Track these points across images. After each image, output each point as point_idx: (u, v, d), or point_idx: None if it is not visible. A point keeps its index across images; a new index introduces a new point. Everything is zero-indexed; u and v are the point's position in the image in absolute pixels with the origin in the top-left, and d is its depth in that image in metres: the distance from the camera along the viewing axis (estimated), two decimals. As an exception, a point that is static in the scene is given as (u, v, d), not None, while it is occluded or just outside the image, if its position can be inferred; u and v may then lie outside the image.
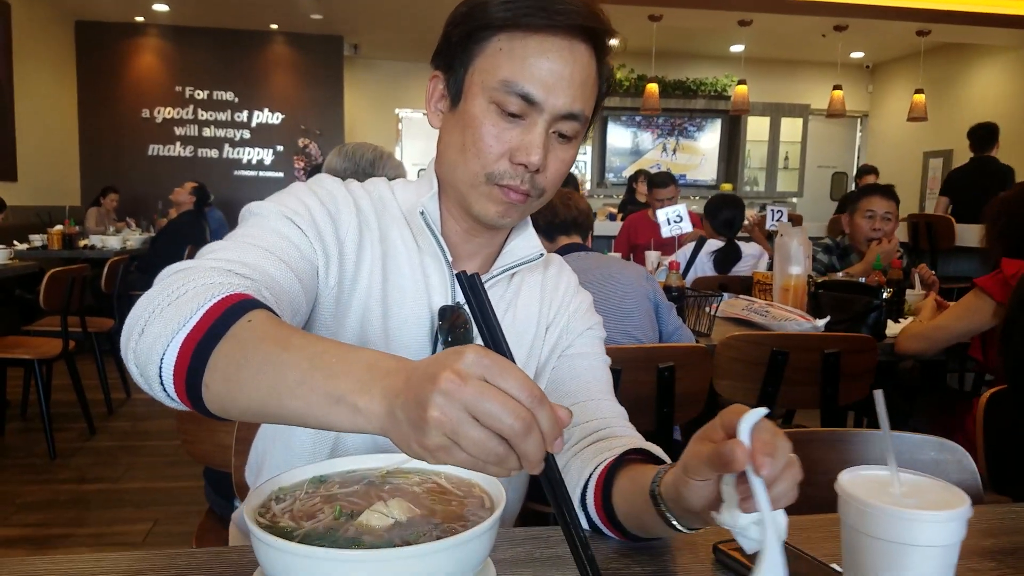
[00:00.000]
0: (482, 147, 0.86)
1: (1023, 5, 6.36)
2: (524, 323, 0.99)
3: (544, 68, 0.83)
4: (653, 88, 6.97)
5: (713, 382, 2.01)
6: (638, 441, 0.89)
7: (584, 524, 0.86)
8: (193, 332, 0.64)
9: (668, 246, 3.55)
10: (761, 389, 2.01)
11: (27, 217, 6.74)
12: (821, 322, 2.22)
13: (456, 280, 0.94)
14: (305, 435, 0.93)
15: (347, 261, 0.90)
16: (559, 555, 0.81)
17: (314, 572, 0.61)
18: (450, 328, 0.94)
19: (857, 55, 9.15)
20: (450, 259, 0.94)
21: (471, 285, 0.57)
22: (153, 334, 0.66)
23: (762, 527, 0.59)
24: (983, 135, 5.52)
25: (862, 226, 2.96)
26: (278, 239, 0.83)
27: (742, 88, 6.98)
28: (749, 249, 3.41)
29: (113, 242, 5.77)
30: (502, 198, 0.88)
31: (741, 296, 2.58)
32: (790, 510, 0.61)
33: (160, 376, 0.65)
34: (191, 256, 0.81)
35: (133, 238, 6.15)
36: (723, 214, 3.36)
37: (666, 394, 1.77)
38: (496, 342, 0.55)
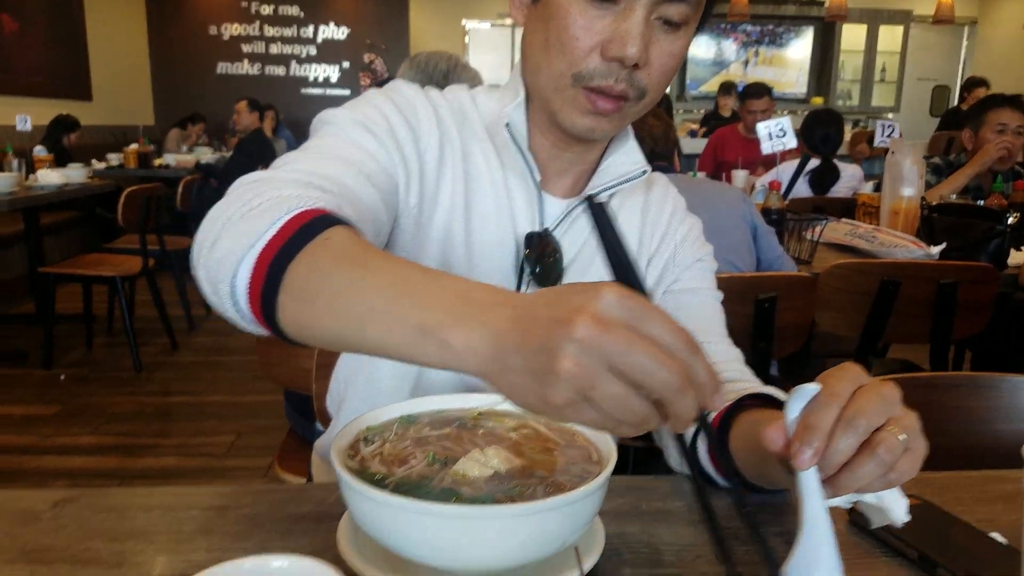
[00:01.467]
0: (567, 40, 0.72)
1: None
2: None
3: None
4: (742, -8, 6.51)
5: (815, 315, 1.87)
6: (756, 386, 0.79)
7: (682, 468, 0.78)
8: (267, 248, 0.56)
9: (756, 164, 3.33)
10: (867, 322, 1.86)
11: (103, 137, 6.87)
12: (936, 249, 2.02)
13: (541, 202, 0.84)
14: (388, 367, 0.86)
15: (428, 178, 0.81)
16: (667, 509, 0.73)
17: (408, 525, 0.54)
18: (538, 258, 0.84)
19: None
20: (538, 178, 0.83)
21: (598, 214, 0.46)
22: (224, 248, 0.58)
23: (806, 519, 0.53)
24: None
25: (990, 140, 2.70)
26: (356, 150, 0.75)
27: (839, -10, 6.44)
28: (848, 170, 3.16)
29: (187, 160, 5.83)
30: (589, 105, 0.75)
31: (843, 220, 2.39)
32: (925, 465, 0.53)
33: (233, 295, 0.58)
34: None
35: (207, 156, 6.20)
36: (820, 130, 3.10)
37: (765, 328, 1.65)
38: (631, 280, 0.45)
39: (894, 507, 0.55)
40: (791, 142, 2.19)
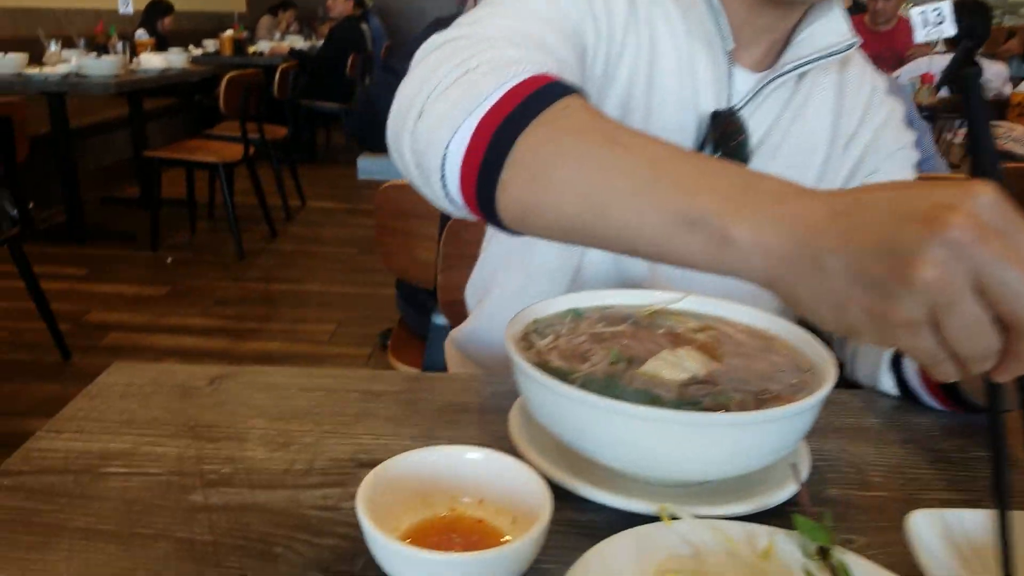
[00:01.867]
0: None
1: None
2: (814, 139, 0.80)
3: None
4: None
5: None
6: None
7: (888, 387, 0.71)
8: (491, 114, 0.49)
9: (886, 60, 3.06)
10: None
11: (197, 23, 6.87)
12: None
13: (731, 76, 0.75)
14: (548, 256, 0.81)
15: (614, 42, 0.73)
16: (865, 426, 0.68)
17: (603, 426, 0.51)
18: (721, 138, 0.76)
19: None
20: (730, 46, 0.74)
21: (973, 85, 0.37)
22: (437, 114, 0.52)
23: None
24: None
25: None
26: (552, 7, 0.66)
27: None
28: (992, 68, 2.86)
29: (280, 48, 5.80)
30: None
31: (994, 123, 2.18)
32: None
33: (443, 168, 0.52)
34: (355, 64, 0.65)
35: (298, 44, 6.16)
36: (964, 21, 2.80)
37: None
38: (996, 174, 0.36)
39: None
40: (949, 29, 1.96)
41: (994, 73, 2.84)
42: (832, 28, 0.76)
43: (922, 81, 1.95)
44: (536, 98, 0.49)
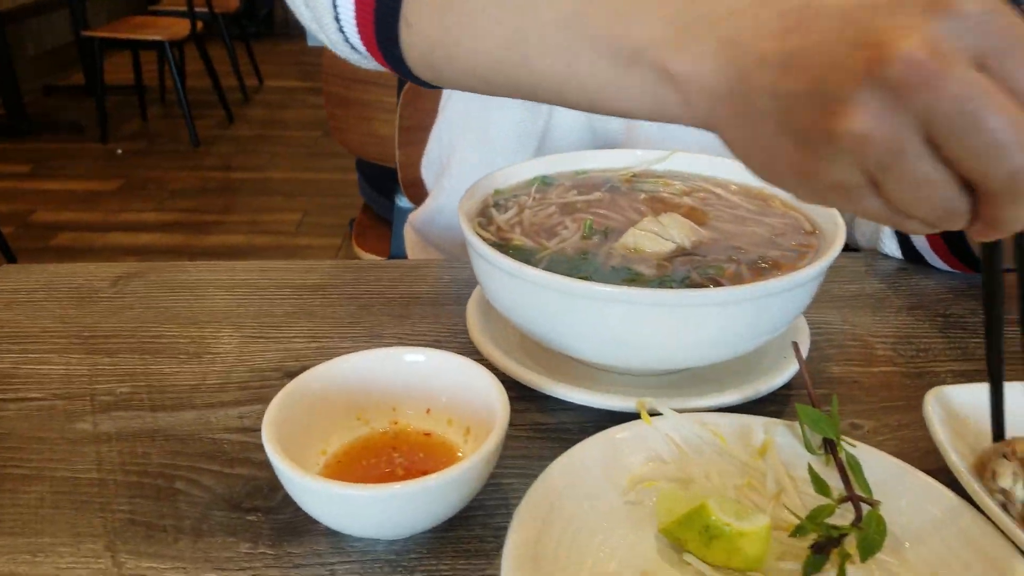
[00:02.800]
0: None
1: None
2: None
3: None
4: None
5: None
6: None
7: (894, 251, 0.62)
8: None
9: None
10: None
11: None
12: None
13: None
14: (507, 121, 0.69)
15: None
16: (867, 292, 0.59)
17: (569, 313, 0.41)
18: None
19: None
20: None
21: None
22: None
23: None
24: None
25: None
26: None
27: None
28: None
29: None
30: None
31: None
32: None
33: (337, 15, 0.42)
34: None
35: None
36: None
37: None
38: None
39: None
40: None
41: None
42: None
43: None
44: None
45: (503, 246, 0.46)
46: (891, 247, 0.63)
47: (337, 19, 0.43)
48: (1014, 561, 0.32)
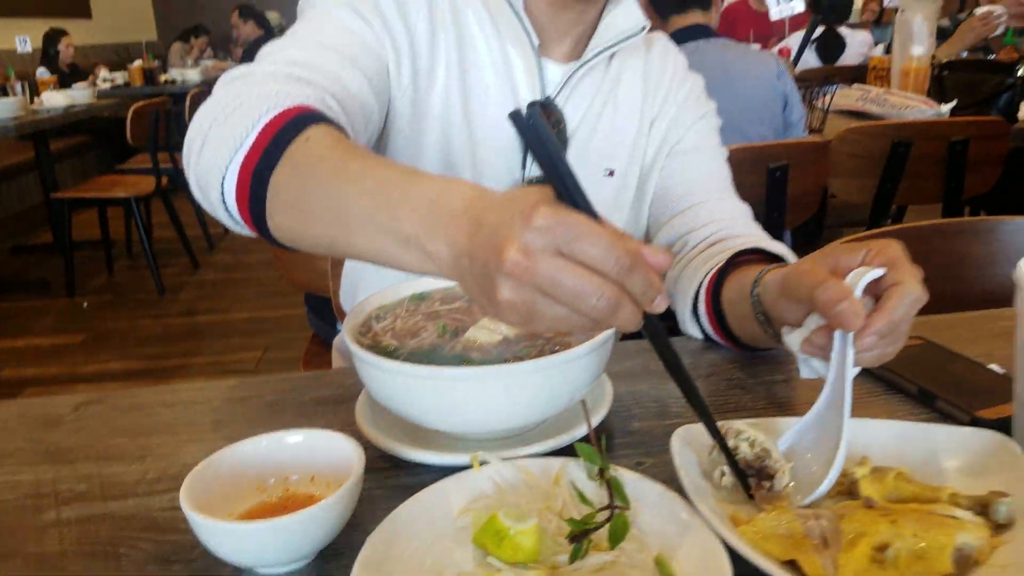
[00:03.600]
0: None
1: None
2: (625, 119, 0.87)
3: None
4: None
5: (827, 182, 1.84)
6: (755, 240, 0.79)
7: (697, 334, 0.79)
8: (250, 154, 0.56)
9: (769, 38, 3.20)
10: (879, 185, 1.82)
11: (106, 55, 6.73)
12: (946, 107, 1.97)
13: (541, 69, 0.82)
14: None
15: (420, 54, 0.79)
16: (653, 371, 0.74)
17: (420, 391, 0.56)
18: None
19: None
20: (536, 43, 0.81)
21: (529, 124, 0.43)
22: (210, 155, 0.59)
23: (834, 380, 0.56)
24: None
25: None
26: (340, 32, 0.73)
27: None
28: (857, 36, 3.03)
29: (193, 75, 5.72)
30: None
31: (855, 85, 2.31)
32: (929, 309, 0.57)
33: (224, 202, 0.59)
34: None
35: (212, 67, 6.08)
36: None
37: (777, 197, 1.62)
38: (568, 190, 0.43)
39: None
40: (799, 6, 2.10)
41: (858, 42, 3.02)
42: (628, 16, 0.83)
43: (780, 54, 2.08)
44: (284, 132, 0.56)
45: (374, 347, 0.61)
46: (694, 331, 0.80)
47: (227, 210, 0.60)
48: (716, 547, 0.46)
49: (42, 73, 4.61)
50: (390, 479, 0.59)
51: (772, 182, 1.59)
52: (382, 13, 0.76)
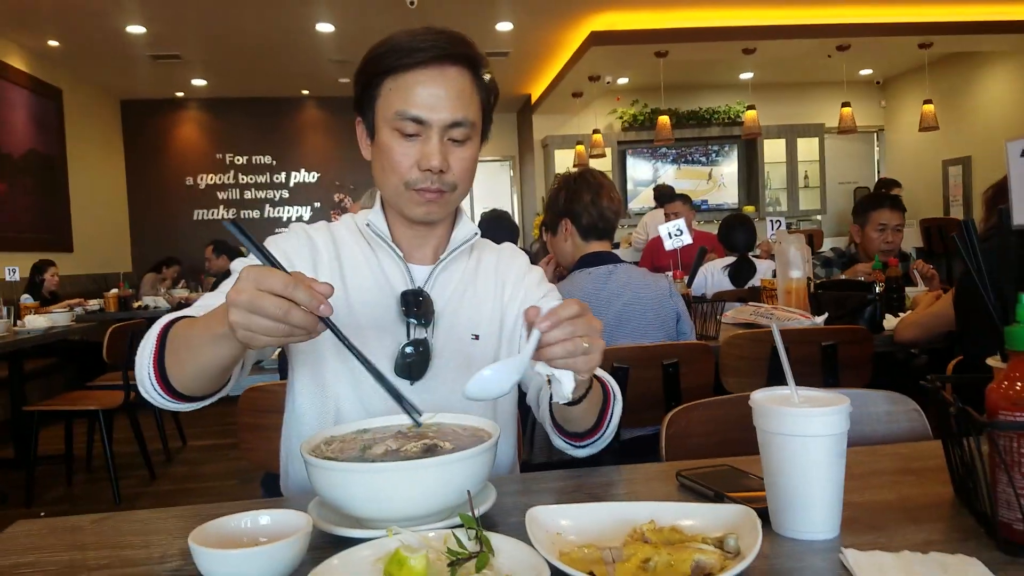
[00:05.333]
0: (395, 164, 1.09)
1: (1022, 9, 6.49)
2: (484, 296, 1.20)
3: (424, 94, 1.06)
4: (664, 120, 7.23)
5: (721, 379, 2.18)
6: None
7: (563, 445, 1.10)
8: (154, 354, 0.97)
9: (687, 265, 3.74)
10: (766, 383, 2.16)
11: (83, 285, 7.17)
12: (820, 319, 2.37)
13: (409, 270, 1.17)
14: (311, 421, 1.15)
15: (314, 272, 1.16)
16: (549, 487, 1.00)
17: (349, 482, 0.81)
18: (415, 307, 1.14)
19: (866, 72, 9.30)
20: (400, 254, 1.16)
21: (233, 226, 0.83)
22: (140, 367, 0.99)
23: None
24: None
25: (874, 239, 3.10)
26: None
27: (752, 113, 7.19)
28: (763, 264, 3.58)
29: (165, 302, 6.12)
30: (420, 199, 1.11)
31: (749, 303, 2.75)
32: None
33: (155, 392, 0.98)
34: None
35: (184, 295, 6.50)
36: (731, 233, 3.56)
37: (672, 389, 1.94)
38: (267, 260, 0.83)
39: (565, 384, 0.86)
40: (688, 239, 2.60)
41: (764, 268, 3.56)
42: (467, 229, 1.21)
43: (674, 277, 2.53)
44: (163, 333, 0.98)
45: (318, 455, 0.87)
46: (561, 444, 1.09)
47: (157, 392, 0.97)
48: (543, 565, 0.71)
49: (26, 299, 4.95)
50: (328, 552, 0.82)
51: (666, 376, 1.92)
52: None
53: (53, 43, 6.54)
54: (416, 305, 1.13)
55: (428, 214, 1.13)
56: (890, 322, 2.44)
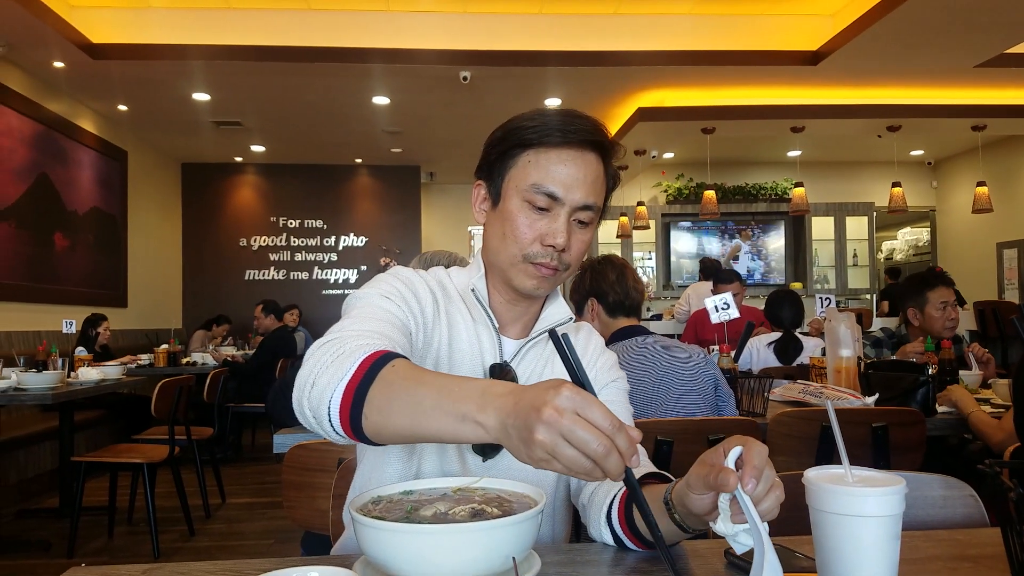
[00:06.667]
0: (519, 234, 1.11)
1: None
2: (560, 375, 1.20)
3: (563, 172, 1.09)
4: (710, 194, 7.26)
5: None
6: (651, 467, 1.10)
7: (609, 539, 1.04)
8: (353, 378, 0.86)
9: (734, 340, 3.70)
10: (815, 463, 2.10)
11: (135, 339, 7.38)
12: (871, 399, 2.32)
13: (500, 343, 1.18)
14: (394, 471, 1.15)
15: (427, 327, 1.15)
16: (594, 560, 0.99)
17: (383, 542, 0.81)
18: (500, 379, 1.14)
19: (917, 152, 9.27)
20: (497, 326, 1.18)
21: (561, 338, 0.81)
22: (322, 384, 0.88)
23: (755, 534, 0.78)
24: None
25: (937, 318, 3.06)
26: (385, 313, 1.08)
27: (799, 190, 7.18)
28: (811, 342, 3.53)
29: (212, 360, 6.25)
30: (536, 273, 1.12)
31: (798, 381, 2.70)
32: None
33: (329, 415, 0.88)
34: (283, 368, 1.05)
35: (231, 353, 6.64)
36: (778, 308, 3.53)
37: (716, 464, 1.91)
38: (582, 382, 0.77)
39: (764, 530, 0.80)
40: (734, 313, 2.59)
41: (812, 345, 3.51)
42: (560, 310, 1.22)
43: (721, 351, 2.50)
44: (377, 363, 0.87)
45: (365, 515, 0.88)
46: (607, 536, 1.04)
47: (330, 422, 0.88)
48: None
49: (80, 351, 5.11)
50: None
51: (711, 451, 1.89)
52: (406, 300, 1.13)
53: (122, 108, 6.90)
54: (501, 379, 1.14)
55: (537, 288, 1.14)
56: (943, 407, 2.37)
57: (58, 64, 5.61)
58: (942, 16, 4.72)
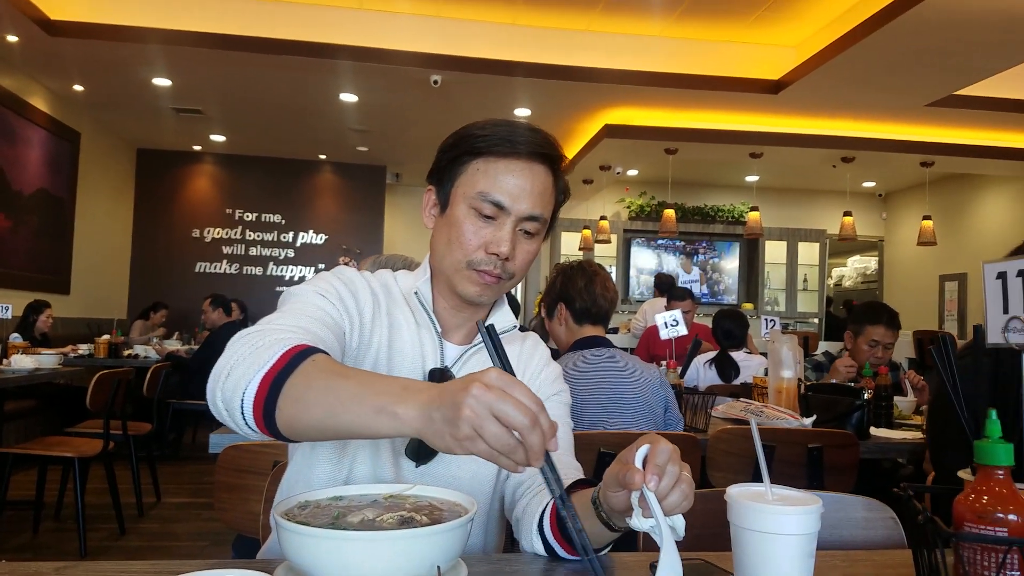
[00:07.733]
0: (464, 241, 1.11)
1: (1021, 138, 6.71)
2: None
3: (510, 182, 1.09)
4: (670, 213, 7.37)
5: (707, 473, 2.16)
6: (581, 475, 1.12)
7: (541, 549, 1.04)
8: (270, 371, 0.84)
9: (681, 356, 3.75)
10: (751, 480, 2.14)
11: (76, 328, 7.16)
12: (808, 420, 2.37)
13: (442, 347, 1.17)
14: (323, 473, 1.13)
15: (364, 328, 1.13)
16: (523, 570, 0.99)
17: (306, 548, 0.79)
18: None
19: (869, 184, 9.54)
20: (439, 330, 1.17)
21: (487, 329, 0.81)
22: (237, 375, 0.86)
23: (658, 529, 0.81)
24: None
25: (864, 352, 3.14)
26: (317, 310, 1.06)
27: (755, 214, 7.35)
28: (754, 360, 3.60)
29: (155, 354, 6.09)
30: (479, 280, 1.12)
31: (741, 399, 2.75)
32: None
33: (242, 406, 0.85)
34: None
35: (174, 347, 6.48)
36: (722, 325, 3.58)
37: (656, 479, 1.92)
38: (508, 369, 0.78)
39: (679, 526, 0.83)
40: (683, 330, 2.63)
41: (756, 364, 3.57)
42: (504, 318, 1.22)
43: (668, 367, 2.54)
44: (298, 357, 0.86)
45: (290, 519, 0.86)
46: (538, 546, 1.04)
47: (243, 414, 0.85)
48: None
49: (15, 338, 4.93)
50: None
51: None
52: (343, 300, 1.11)
53: (78, 88, 6.71)
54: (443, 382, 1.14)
55: (480, 295, 1.14)
56: (883, 432, 2.43)
57: (12, 38, 5.43)
58: (897, 56, 4.88)
